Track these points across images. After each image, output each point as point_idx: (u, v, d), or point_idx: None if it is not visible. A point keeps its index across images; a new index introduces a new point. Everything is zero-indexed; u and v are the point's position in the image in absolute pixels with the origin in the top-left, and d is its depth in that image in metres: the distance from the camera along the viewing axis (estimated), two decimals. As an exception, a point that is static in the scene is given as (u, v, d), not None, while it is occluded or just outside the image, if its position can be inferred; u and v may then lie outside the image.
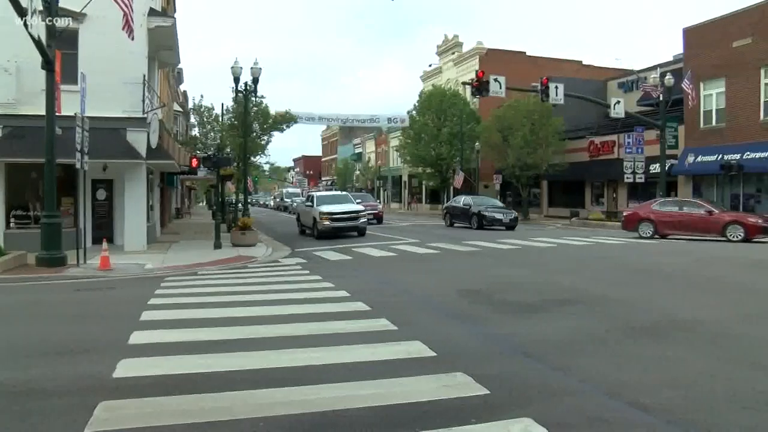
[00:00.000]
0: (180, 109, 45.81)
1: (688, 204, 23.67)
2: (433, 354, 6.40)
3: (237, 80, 25.28)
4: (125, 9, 16.40)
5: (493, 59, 50.01)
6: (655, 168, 31.44)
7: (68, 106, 16.03)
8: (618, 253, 17.55)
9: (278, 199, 77.00)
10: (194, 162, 23.35)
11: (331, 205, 26.04)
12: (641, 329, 7.56)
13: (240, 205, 31.94)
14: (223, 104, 33.71)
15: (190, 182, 54.76)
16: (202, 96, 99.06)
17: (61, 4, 15.59)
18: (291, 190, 79.72)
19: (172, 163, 22.72)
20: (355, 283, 11.96)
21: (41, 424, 4.63)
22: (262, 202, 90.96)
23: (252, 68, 25.21)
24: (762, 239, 20.85)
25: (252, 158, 32.33)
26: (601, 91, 43.58)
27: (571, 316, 8.56)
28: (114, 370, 5.92)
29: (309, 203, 28.22)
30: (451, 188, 51.78)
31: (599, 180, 40.67)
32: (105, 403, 4.93)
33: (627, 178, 31.48)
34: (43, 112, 15.36)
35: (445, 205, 35.62)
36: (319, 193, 31.39)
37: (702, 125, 31.82)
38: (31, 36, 14.51)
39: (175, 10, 33.41)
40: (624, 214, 25.00)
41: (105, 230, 19.82)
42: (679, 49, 35.56)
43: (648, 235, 22.79)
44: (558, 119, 40.00)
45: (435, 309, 9.30)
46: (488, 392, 5.11)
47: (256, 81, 25.54)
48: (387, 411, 4.74)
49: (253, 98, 28.00)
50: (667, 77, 30.87)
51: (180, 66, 42.11)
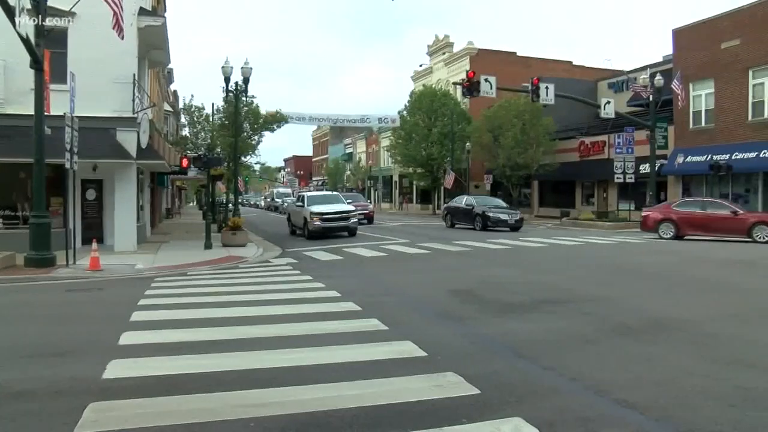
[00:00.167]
0: (170, 109, 45.64)
1: (711, 204, 23.07)
2: (424, 354, 6.42)
3: (227, 80, 25.20)
4: (115, 8, 16.32)
5: (483, 59, 50.15)
6: (645, 168, 31.61)
7: (57, 106, 15.93)
8: (609, 253, 17.63)
9: (269, 200, 76.95)
10: (185, 162, 23.25)
11: (322, 205, 26.02)
12: (630, 328, 7.60)
13: (230, 205, 31.86)
14: (213, 104, 33.66)
15: (180, 182, 54.55)
16: (192, 96, 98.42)
17: (49, 3, 15.47)
18: (282, 190, 79.59)
19: (162, 163, 22.63)
20: (345, 283, 11.96)
21: (30, 426, 4.60)
22: (252, 203, 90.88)
23: (242, 68, 25.12)
24: None
25: (242, 158, 32.18)
26: (592, 92, 43.78)
27: (561, 315, 8.59)
28: (104, 371, 5.90)
29: (300, 203, 28.19)
30: (442, 188, 51.89)
31: (590, 180, 40.84)
32: (94, 405, 4.92)
33: (617, 178, 31.63)
34: (31, 111, 15.28)
35: (446, 205, 34.83)
36: (309, 193, 31.34)
37: (691, 126, 32.02)
38: (19, 35, 14.40)
39: (165, 10, 33.27)
40: (642, 214, 24.41)
41: (95, 230, 19.69)
42: (669, 49, 35.77)
43: (669, 236, 22.28)
44: (548, 119, 40.15)
45: (425, 309, 9.31)
46: (479, 392, 5.12)
47: (246, 81, 25.44)
48: (378, 411, 4.74)
49: (244, 98, 27.87)
50: (656, 78, 31.03)
51: (170, 66, 41.98)
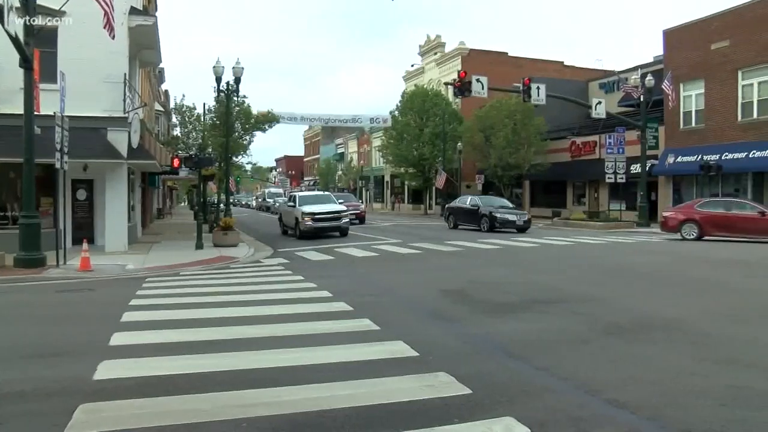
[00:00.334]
0: (161, 109, 45.48)
1: (736, 204, 22.68)
2: (416, 354, 6.42)
3: (219, 80, 25.17)
4: (106, 7, 16.25)
5: (475, 59, 50.24)
6: (636, 168, 31.76)
7: (47, 105, 15.84)
8: (600, 253, 17.68)
9: (260, 200, 76.78)
10: (176, 162, 23.14)
11: (314, 206, 25.98)
12: (622, 328, 7.61)
13: (222, 205, 31.79)
14: (204, 104, 33.44)
15: (171, 182, 54.38)
16: (183, 96, 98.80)
17: (39, 2, 15.39)
18: (273, 190, 79.39)
19: (153, 163, 22.55)
20: (337, 284, 11.95)
21: (20, 428, 4.58)
22: (244, 203, 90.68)
23: (234, 68, 25.08)
24: None
25: (234, 158, 32.15)
26: (583, 92, 43.93)
27: (553, 315, 8.61)
28: (94, 372, 5.87)
29: (291, 203, 28.15)
30: (434, 188, 51.94)
31: (581, 180, 40.98)
32: (85, 406, 4.89)
33: (608, 178, 31.77)
34: (21, 111, 15.18)
35: (448, 205, 33.65)
36: (301, 194, 31.30)
37: (682, 126, 32.17)
38: (8, 33, 14.30)
39: (156, 9, 33.18)
40: (663, 215, 23.88)
41: (85, 231, 19.61)
42: (660, 50, 35.97)
43: (692, 236, 21.79)
44: (540, 119, 40.27)
45: (417, 309, 9.31)
46: (471, 392, 5.13)
47: (238, 81, 25.41)
48: (370, 411, 4.74)
49: (235, 98, 27.86)
50: (647, 78, 31.22)
51: (161, 65, 41.85)
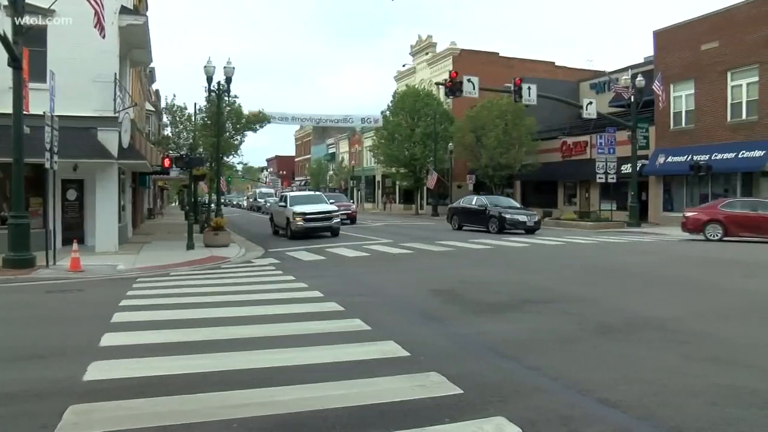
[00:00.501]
0: (152, 109, 45.23)
1: (762, 204, 22.31)
2: (407, 354, 6.42)
3: (210, 80, 25.12)
4: (96, 6, 16.17)
5: (466, 60, 50.29)
6: (627, 168, 31.87)
7: (37, 105, 15.75)
8: (591, 253, 17.74)
9: (251, 200, 76.54)
10: (167, 162, 23.06)
11: (305, 206, 25.95)
12: (612, 328, 7.65)
13: (213, 205, 31.70)
14: (195, 104, 33.25)
15: (162, 182, 54.17)
16: (174, 95, 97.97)
17: (27, 0, 15.30)
18: (264, 190, 79.24)
19: (144, 163, 22.46)
20: (328, 284, 11.94)
21: (8, 429, 4.55)
22: (235, 203, 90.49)
23: (225, 68, 25.04)
24: None
25: (225, 158, 32.02)
26: (574, 92, 44.04)
27: (544, 315, 8.64)
28: (84, 372, 5.84)
29: (282, 203, 28.10)
30: (425, 188, 51.97)
31: (572, 180, 41.08)
32: (75, 407, 4.86)
33: (599, 178, 31.85)
34: (10, 110, 15.08)
35: (451, 206, 32.50)
36: (292, 194, 31.26)
37: (672, 126, 32.34)
38: (-4, 32, 14.26)
39: (147, 8, 33.02)
40: (686, 215, 23.36)
41: (75, 231, 19.52)
42: (650, 51, 36.10)
43: (716, 237, 21.53)
44: (531, 120, 40.33)
45: (408, 309, 9.32)
46: (462, 392, 5.13)
47: (229, 80, 25.36)
48: (361, 411, 4.74)
49: (226, 98, 27.77)
50: (638, 79, 31.37)
51: (152, 65, 41.66)
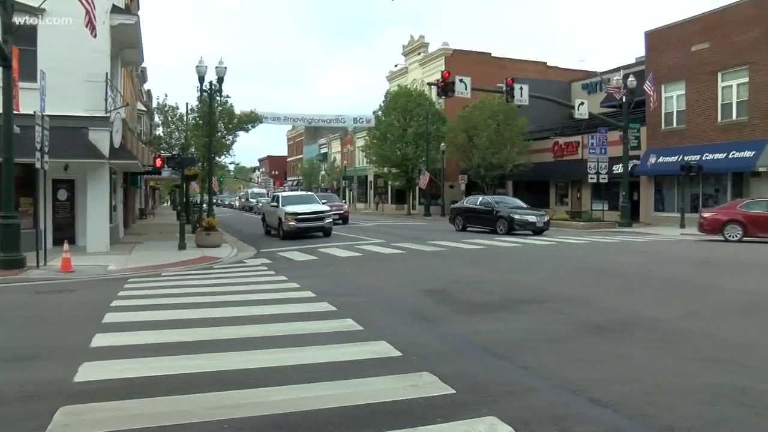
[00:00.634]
0: (144, 109, 45.04)
1: None
2: (399, 354, 6.42)
3: (202, 79, 25.03)
4: (87, 6, 16.10)
5: (458, 60, 50.29)
6: (618, 168, 31.97)
7: (27, 104, 15.66)
8: (583, 253, 17.79)
9: (243, 200, 76.41)
10: (158, 162, 23.01)
11: (297, 206, 25.93)
12: (604, 328, 7.67)
13: (205, 205, 31.62)
14: (187, 104, 33.20)
15: (154, 182, 54.04)
16: (166, 95, 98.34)
17: (17, -1, 15.24)
18: (256, 190, 78.97)
19: (135, 163, 22.38)
20: (320, 284, 11.93)
21: (-1, 430, 4.53)
22: (227, 203, 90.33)
23: (217, 67, 24.96)
24: None
25: (217, 158, 31.98)
26: (566, 93, 44.15)
27: (536, 315, 8.66)
28: (75, 374, 5.82)
29: (274, 203, 28.05)
30: (417, 188, 52.00)
31: (563, 180, 41.20)
32: (65, 408, 4.84)
33: (591, 178, 31.96)
34: (-1, 109, 15.04)
35: (454, 206, 31.34)
36: (284, 194, 31.23)
37: (663, 126, 32.49)
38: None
39: (138, 8, 32.93)
40: (704, 215, 22.98)
41: (66, 231, 19.44)
42: (642, 51, 36.22)
43: (736, 238, 21.33)
44: (522, 120, 40.41)
45: (400, 309, 9.32)
46: (454, 391, 5.14)
47: (221, 80, 25.27)
48: (353, 411, 4.74)
49: (218, 98, 27.71)
50: (629, 79, 31.51)
51: (144, 65, 41.55)
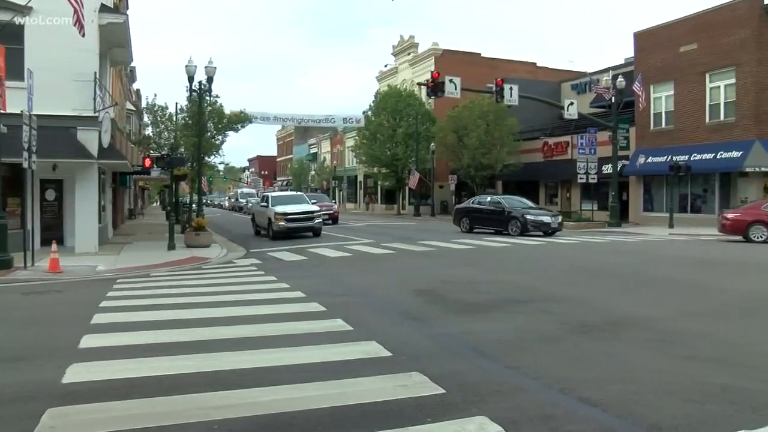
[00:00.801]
0: (133, 108, 44.85)
1: None
2: (389, 354, 6.42)
3: (191, 79, 24.92)
4: (75, 5, 16.01)
5: (448, 60, 50.32)
6: (608, 168, 32.09)
7: (15, 104, 15.53)
8: (573, 253, 17.85)
9: (233, 200, 76.19)
10: (147, 162, 22.87)
11: (286, 206, 25.88)
12: (593, 327, 7.70)
13: (194, 205, 31.51)
14: (177, 103, 33.06)
15: (143, 182, 53.75)
16: (155, 95, 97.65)
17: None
18: (246, 190, 78.75)
19: (124, 163, 22.29)
20: (310, 284, 11.91)
21: (-15, 432, 4.49)
22: (216, 203, 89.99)
23: (206, 67, 24.86)
24: None
25: (206, 158, 31.83)
26: (555, 93, 44.31)
27: (525, 315, 8.68)
28: (63, 375, 5.78)
29: (264, 204, 28.00)
30: (407, 188, 52.02)
31: (553, 180, 41.34)
32: (52, 410, 4.80)
33: (580, 178, 32.06)
34: (-14, 109, 14.90)
35: (459, 206, 30.03)
36: (274, 194, 31.15)
37: (652, 127, 32.65)
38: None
39: (127, 7, 32.75)
40: (727, 216, 22.53)
41: (54, 231, 19.31)
42: (631, 52, 36.37)
43: (762, 238, 21.11)
44: (512, 120, 40.49)
45: (390, 309, 9.32)
46: (444, 391, 5.14)
47: (210, 80, 25.17)
48: (343, 411, 4.74)
49: (208, 97, 27.60)
50: (618, 80, 31.61)
51: (133, 64, 41.34)
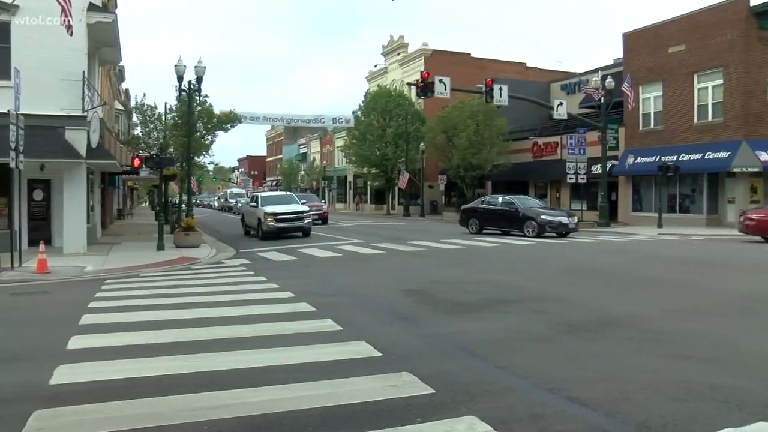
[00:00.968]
0: (122, 108, 44.69)
1: None
2: (379, 354, 6.42)
3: (180, 79, 24.85)
4: (63, 3, 15.93)
5: (438, 60, 50.39)
6: (597, 168, 32.20)
7: (2, 103, 15.44)
8: (562, 253, 17.89)
9: (222, 200, 75.93)
10: (136, 162, 22.76)
11: (276, 206, 25.83)
12: (581, 327, 7.73)
13: (184, 205, 31.40)
14: (166, 103, 32.94)
15: (132, 182, 53.52)
16: (144, 94, 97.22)
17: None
18: (235, 190, 78.55)
19: (113, 163, 22.18)
20: (300, 284, 11.90)
21: (-29, 435, 4.46)
22: (206, 203, 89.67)
23: (196, 67, 24.79)
24: None
25: (196, 158, 31.77)
26: (545, 93, 44.44)
27: (515, 314, 8.71)
28: (51, 376, 5.74)
29: (253, 204, 27.94)
30: (396, 188, 52.04)
31: (542, 180, 41.43)
32: (39, 412, 4.78)
33: (570, 178, 32.16)
34: (-27, 108, 14.79)
35: (466, 206, 28.80)
36: (263, 194, 31.10)
37: (641, 127, 32.81)
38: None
39: (116, 6, 32.58)
40: (751, 217, 21.61)
41: (42, 232, 19.17)
42: (620, 53, 36.52)
43: None
44: (502, 120, 40.56)
45: (379, 309, 9.33)
46: (433, 391, 5.15)
47: (200, 80, 25.10)
48: (333, 411, 4.74)
49: (197, 97, 27.51)
50: (607, 80, 31.75)
51: (122, 63, 41.16)
